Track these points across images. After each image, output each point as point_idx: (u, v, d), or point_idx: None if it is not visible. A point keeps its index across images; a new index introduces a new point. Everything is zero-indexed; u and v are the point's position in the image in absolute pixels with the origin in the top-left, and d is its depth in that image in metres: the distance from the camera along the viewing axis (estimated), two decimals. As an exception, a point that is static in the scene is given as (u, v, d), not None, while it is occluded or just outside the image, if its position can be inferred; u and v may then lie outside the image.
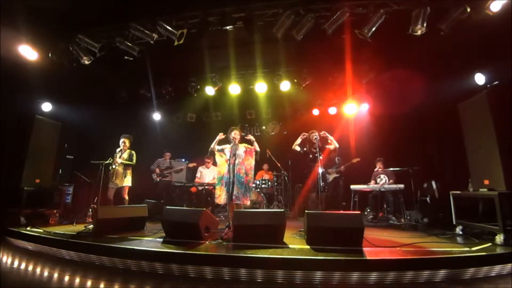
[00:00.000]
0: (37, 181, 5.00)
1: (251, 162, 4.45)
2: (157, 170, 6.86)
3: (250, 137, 4.49)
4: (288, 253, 2.78)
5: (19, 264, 3.05)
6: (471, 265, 2.60)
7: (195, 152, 7.57)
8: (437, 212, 5.15)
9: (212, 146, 4.46)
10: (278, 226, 3.29)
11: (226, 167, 4.28)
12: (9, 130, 5.47)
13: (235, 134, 4.42)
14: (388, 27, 4.27)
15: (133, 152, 5.42)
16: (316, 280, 2.53)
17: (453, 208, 4.14)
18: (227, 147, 4.45)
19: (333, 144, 4.64)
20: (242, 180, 4.27)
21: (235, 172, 4.20)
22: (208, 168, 6.69)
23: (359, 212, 3.64)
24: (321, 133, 4.59)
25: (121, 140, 5.37)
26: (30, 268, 2.95)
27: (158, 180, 6.79)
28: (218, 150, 4.49)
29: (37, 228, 4.15)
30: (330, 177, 6.56)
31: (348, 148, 7.14)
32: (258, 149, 4.47)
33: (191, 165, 6.90)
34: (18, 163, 4.87)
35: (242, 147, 4.42)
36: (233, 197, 4.11)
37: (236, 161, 4.26)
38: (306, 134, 4.71)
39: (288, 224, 3.47)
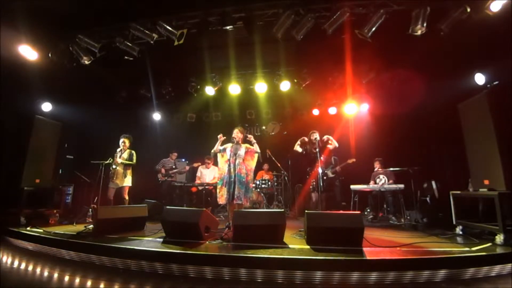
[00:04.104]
0: (37, 181, 4.99)
1: (251, 163, 4.40)
2: (163, 170, 6.81)
3: (251, 137, 4.44)
4: (288, 253, 2.78)
5: (19, 264, 3.05)
6: (471, 265, 2.60)
7: (195, 152, 7.58)
8: (437, 212, 5.14)
9: (214, 148, 4.44)
10: (278, 226, 3.29)
11: (226, 167, 4.27)
12: (9, 130, 5.47)
13: (237, 133, 4.41)
14: (388, 27, 4.28)
15: (133, 152, 5.41)
16: (316, 280, 2.53)
17: (453, 208, 4.13)
18: (228, 146, 4.44)
19: (333, 144, 4.71)
20: (243, 180, 4.24)
21: (236, 172, 4.19)
22: (208, 168, 6.68)
23: (359, 212, 3.65)
24: (324, 138, 4.69)
25: (121, 140, 5.36)
26: (30, 268, 2.94)
27: (164, 180, 6.73)
28: (220, 151, 4.46)
29: (37, 228, 4.14)
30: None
31: (348, 148, 7.13)
32: (258, 150, 4.41)
33: (195, 164, 6.87)
34: (18, 163, 4.87)
35: (243, 147, 4.39)
36: (235, 197, 4.10)
37: (237, 161, 4.25)
38: (306, 138, 4.80)
39: (288, 224, 3.48)
